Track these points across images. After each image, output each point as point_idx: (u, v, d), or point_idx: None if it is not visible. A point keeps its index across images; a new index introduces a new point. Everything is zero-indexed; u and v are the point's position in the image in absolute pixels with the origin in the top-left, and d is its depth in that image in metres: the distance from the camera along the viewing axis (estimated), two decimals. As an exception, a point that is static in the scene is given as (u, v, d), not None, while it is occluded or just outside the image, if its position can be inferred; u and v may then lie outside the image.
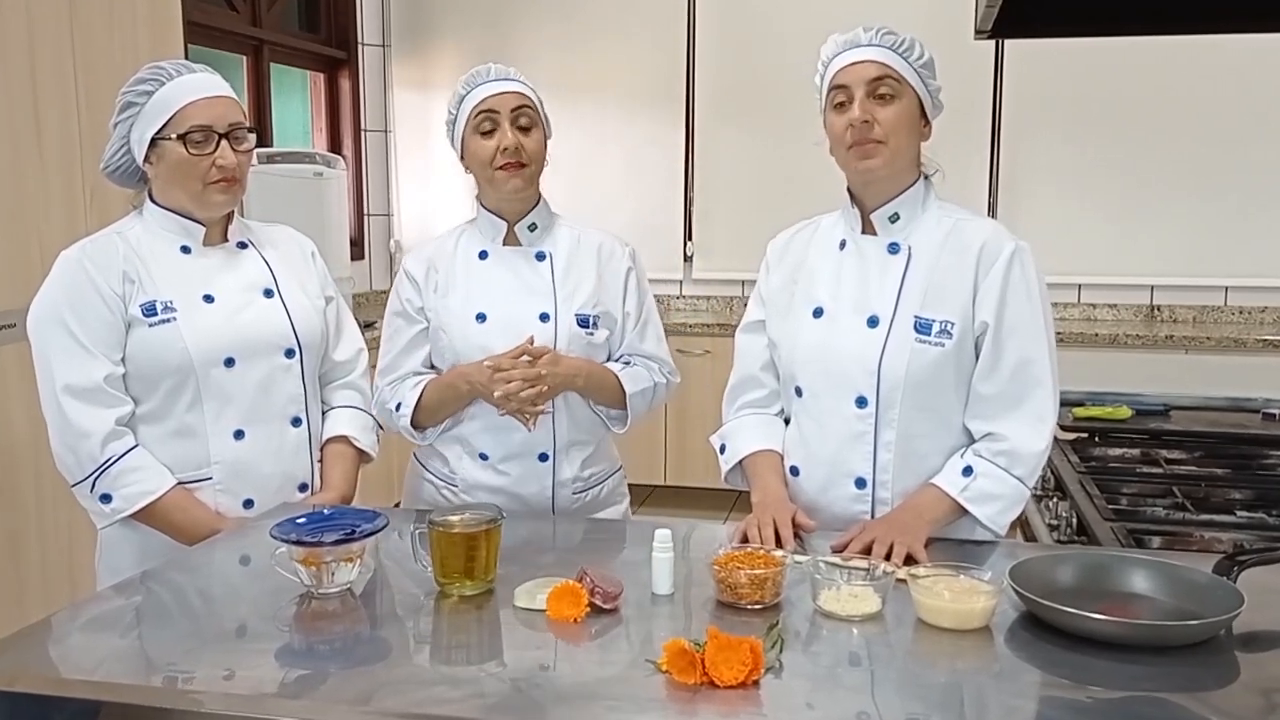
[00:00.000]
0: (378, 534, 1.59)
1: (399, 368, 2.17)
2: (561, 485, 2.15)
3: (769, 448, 1.93)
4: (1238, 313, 5.16)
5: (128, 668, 1.38)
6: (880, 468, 1.83)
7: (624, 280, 2.19)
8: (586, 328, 2.13)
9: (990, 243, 1.81)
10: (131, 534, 1.93)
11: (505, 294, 2.13)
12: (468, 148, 2.12)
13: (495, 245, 2.17)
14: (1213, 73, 4.92)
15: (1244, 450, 2.60)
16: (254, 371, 1.98)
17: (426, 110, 5.86)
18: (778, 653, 1.32)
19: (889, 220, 1.85)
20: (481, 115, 2.07)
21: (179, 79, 1.90)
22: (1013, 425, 1.78)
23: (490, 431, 2.12)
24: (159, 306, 1.92)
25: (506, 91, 2.09)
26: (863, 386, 1.81)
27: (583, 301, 2.14)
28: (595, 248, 2.19)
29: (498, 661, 1.40)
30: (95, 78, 3.19)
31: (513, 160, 2.06)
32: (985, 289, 1.79)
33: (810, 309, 1.89)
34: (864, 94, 1.78)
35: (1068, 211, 5.10)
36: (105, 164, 1.98)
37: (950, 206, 1.89)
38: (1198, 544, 1.97)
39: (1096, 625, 1.34)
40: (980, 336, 1.80)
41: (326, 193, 4.65)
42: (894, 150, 1.79)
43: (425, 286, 2.17)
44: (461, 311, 2.13)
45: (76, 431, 1.87)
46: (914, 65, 1.80)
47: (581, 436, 2.17)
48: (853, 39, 1.82)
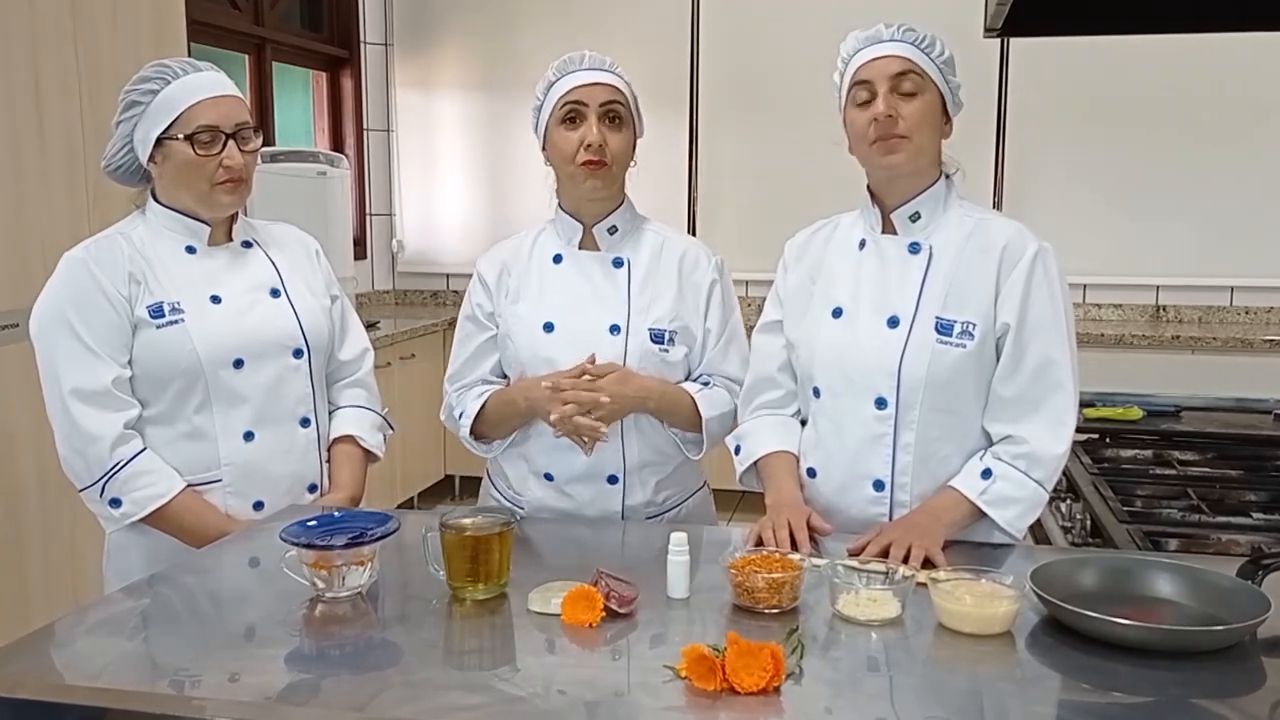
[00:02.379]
0: (389, 537, 1.57)
1: (466, 375, 2.08)
2: (632, 510, 2.03)
3: (785, 449, 1.91)
4: (1243, 313, 5.14)
5: (132, 673, 1.36)
6: (899, 470, 1.80)
7: (706, 294, 2.05)
8: (661, 344, 1.99)
9: (1013, 243, 1.78)
10: (140, 538, 1.91)
11: (576, 303, 2.00)
12: (550, 139, 1.98)
13: (571, 248, 2.05)
14: (1217, 73, 4.89)
15: (1257, 452, 2.58)
16: (263, 372, 1.96)
17: (429, 109, 5.85)
18: (798, 659, 1.30)
19: (910, 219, 1.83)
20: (568, 106, 1.94)
21: (185, 78, 1.88)
22: (1032, 428, 1.76)
23: (555, 450, 2.00)
24: (166, 308, 1.90)
25: (598, 83, 1.95)
26: (882, 388, 1.79)
27: (659, 315, 2.00)
28: (679, 257, 2.05)
29: (511, 667, 1.38)
30: (98, 76, 3.17)
31: (595, 158, 1.93)
32: (1008, 290, 1.76)
33: (829, 309, 1.86)
34: (887, 89, 1.75)
35: (1072, 211, 5.08)
36: (107, 162, 1.96)
37: (971, 206, 1.87)
38: (1215, 546, 1.95)
39: (1123, 631, 1.32)
40: (1001, 338, 1.77)
41: (330, 192, 4.64)
42: (917, 146, 1.76)
43: (497, 291, 2.06)
44: (529, 320, 2.01)
45: (85, 436, 1.85)
46: (936, 62, 1.78)
47: (654, 458, 2.03)
48: (874, 35, 1.80)
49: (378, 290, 5.93)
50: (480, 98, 5.76)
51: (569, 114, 1.94)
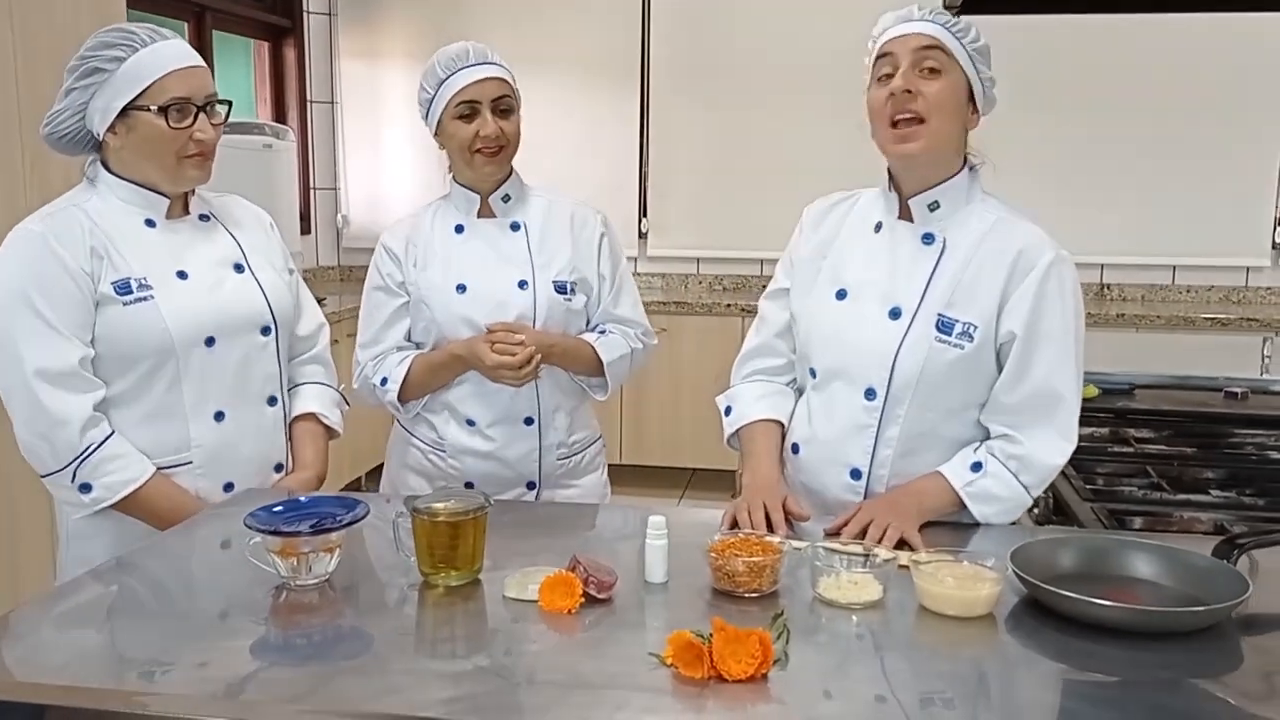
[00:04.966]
0: (358, 522, 1.52)
1: (381, 341, 2.21)
2: (548, 450, 2.22)
3: (774, 417, 1.90)
4: (1185, 291, 5.23)
5: (92, 667, 1.30)
6: (878, 462, 1.79)
7: (597, 246, 2.25)
8: (564, 294, 2.19)
9: (1029, 249, 1.72)
10: (104, 523, 1.83)
11: (483, 265, 2.18)
12: (445, 129, 2.13)
13: (470, 218, 2.22)
14: (1161, 55, 4.96)
15: (1210, 429, 2.62)
16: (233, 351, 1.90)
17: (375, 82, 5.72)
18: (784, 644, 1.28)
19: (928, 208, 1.78)
20: (462, 104, 2.09)
21: (153, 46, 1.79)
22: (1033, 434, 1.73)
23: (477, 397, 2.17)
24: (134, 284, 1.81)
25: (488, 78, 2.10)
26: (874, 379, 1.77)
27: (559, 269, 2.20)
28: (568, 216, 2.25)
29: (488, 655, 1.34)
30: (34, 43, 3.04)
31: (492, 146, 2.11)
32: (1017, 298, 1.71)
33: (834, 290, 1.83)
34: (909, 64, 1.70)
35: (1020, 189, 5.06)
36: (51, 129, 1.84)
37: (996, 202, 1.81)
38: (1179, 524, 1.97)
39: (1106, 612, 1.33)
40: (1004, 345, 1.74)
41: (275, 165, 4.52)
42: (934, 131, 1.70)
43: (405, 261, 2.20)
44: (442, 284, 2.17)
45: (52, 419, 1.76)
46: (967, 46, 1.72)
47: (565, 402, 2.24)
48: (906, 14, 1.75)
49: (323, 266, 5.81)
50: (427, 70, 5.65)
51: (464, 109, 2.09)
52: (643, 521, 1.53)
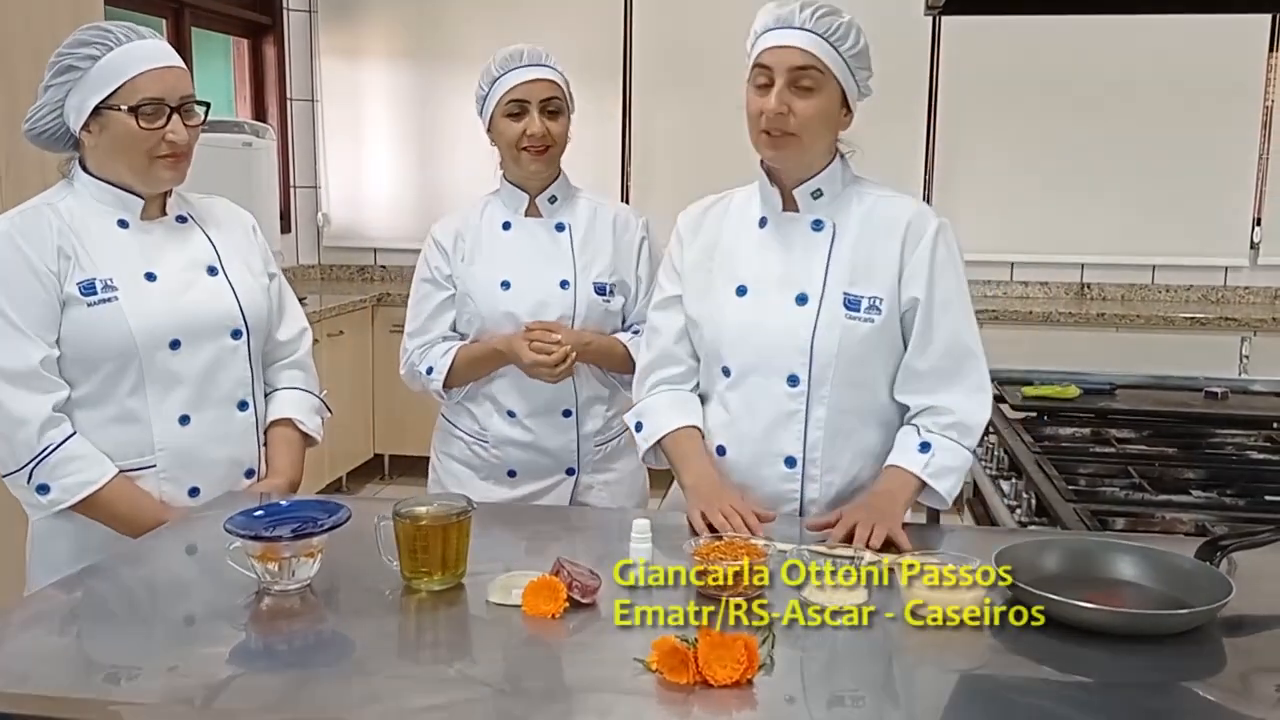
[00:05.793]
0: (340, 527, 1.50)
1: (428, 331, 2.32)
2: (585, 439, 2.32)
3: (690, 423, 1.90)
4: (1164, 291, 5.26)
5: (63, 675, 1.28)
6: (810, 446, 1.82)
7: (637, 250, 2.34)
8: (603, 295, 2.29)
9: (915, 220, 1.81)
10: (67, 525, 1.81)
11: (527, 262, 2.28)
12: (496, 126, 2.23)
13: (518, 216, 2.31)
14: (1143, 54, 4.97)
15: (1191, 429, 2.63)
16: (200, 354, 1.87)
17: (355, 79, 5.68)
18: (769, 649, 1.27)
19: (812, 196, 1.83)
20: (512, 102, 2.18)
21: (128, 45, 1.77)
22: (955, 397, 1.80)
23: (517, 390, 2.27)
24: (99, 285, 1.80)
25: (539, 79, 2.19)
26: (795, 365, 1.80)
27: (600, 270, 2.29)
28: (611, 219, 2.35)
29: (471, 661, 1.33)
30: (11, 40, 3.01)
31: (539, 146, 2.20)
32: (913, 265, 1.78)
33: (733, 287, 1.85)
34: (784, 83, 1.73)
35: (1002, 189, 5.13)
36: (31, 126, 1.83)
37: (867, 183, 1.88)
38: (1161, 525, 1.98)
39: (1090, 615, 1.33)
40: (907, 313, 1.80)
41: (256, 163, 4.48)
42: (805, 145, 1.77)
43: (453, 254, 2.31)
44: (486, 279, 2.27)
45: (11, 418, 1.74)
46: (844, 55, 1.74)
47: (602, 392, 2.34)
48: (787, 16, 1.74)
49: (303, 265, 5.77)
50: (408, 67, 5.62)
51: (513, 107, 2.19)
52: (627, 525, 1.53)
